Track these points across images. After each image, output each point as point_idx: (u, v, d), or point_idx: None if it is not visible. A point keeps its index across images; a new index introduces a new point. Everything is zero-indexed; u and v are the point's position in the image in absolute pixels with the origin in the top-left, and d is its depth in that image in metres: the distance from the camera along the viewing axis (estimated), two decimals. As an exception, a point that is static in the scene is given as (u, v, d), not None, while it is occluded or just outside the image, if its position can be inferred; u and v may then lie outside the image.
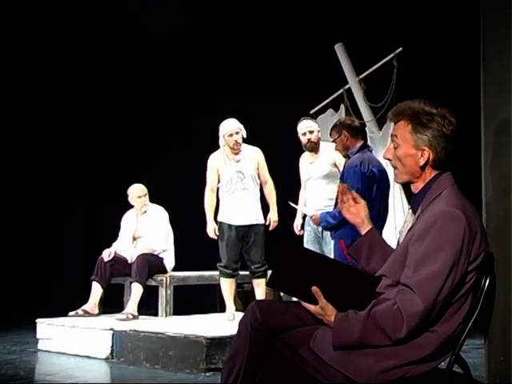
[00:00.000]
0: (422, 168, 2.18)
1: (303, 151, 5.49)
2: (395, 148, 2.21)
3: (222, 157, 5.43)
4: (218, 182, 5.46)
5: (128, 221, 6.12)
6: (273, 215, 5.48)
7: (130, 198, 6.05)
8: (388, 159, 2.25)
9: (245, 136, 5.43)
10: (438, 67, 6.17)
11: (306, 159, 5.49)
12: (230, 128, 5.37)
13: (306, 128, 5.33)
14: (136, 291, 5.62)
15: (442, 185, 2.16)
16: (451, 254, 2.02)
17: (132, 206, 6.13)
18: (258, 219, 5.42)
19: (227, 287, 5.45)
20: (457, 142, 2.16)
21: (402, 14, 6.48)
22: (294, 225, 5.59)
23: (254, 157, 5.48)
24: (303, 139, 5.34)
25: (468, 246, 2.04)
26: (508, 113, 2.44)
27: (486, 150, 2.56)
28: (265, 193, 5.54)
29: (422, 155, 2.16)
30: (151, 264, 5.76)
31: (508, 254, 2.39)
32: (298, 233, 5.55)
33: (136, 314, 5.51)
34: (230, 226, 5.39)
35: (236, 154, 5.40)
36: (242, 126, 5.42)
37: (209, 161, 5.49)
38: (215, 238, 5.40)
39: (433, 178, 2.19)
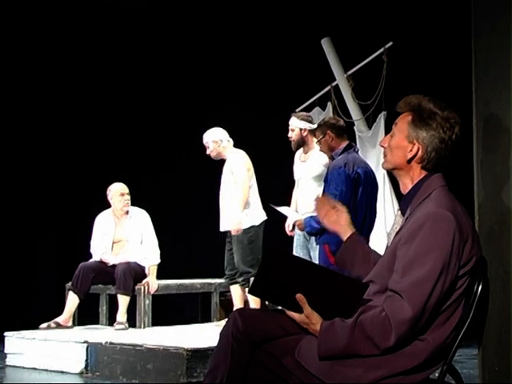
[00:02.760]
0: (409, 162, 2.22)
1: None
2: (391, 136, 2.27)
3: None
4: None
5: (104, 223, 6.04)
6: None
7: (110, 197, 5.99)
8: (383, 146, 2.30)
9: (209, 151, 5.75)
10: (429, 62, 6.22)
11: (298, 157, 5.49)
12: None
13: (289, 126, 5.34)
14: (123, 301, 5.71)
15: (432, 186, 2.19)
16: (441, 256, 2.03)
17: (108, 207, 6.09)
18: (230, 226, 5.60)
19: (233, 294, 5.73)
20: (453, 151, 2.21)
21: (392, 6, 6.52)
22: (286, 225, 5.57)
23: (229, 164, 5.70)
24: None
25: (458, 248, 2.06)
26: (501, 109, 2.47)
27: (478, 149, 2.58)
28: None
29: (411, 149, 2.21)
30: (136, 274, 5.78)
31: (502, 258, 2.41)
32: (289, 234, 5.51)
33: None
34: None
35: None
36: (207, 142, 5.75)
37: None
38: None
39: (422, 178, 2.22)
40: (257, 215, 5.64)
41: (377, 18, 6.60)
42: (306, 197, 5.28)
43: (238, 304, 5.60)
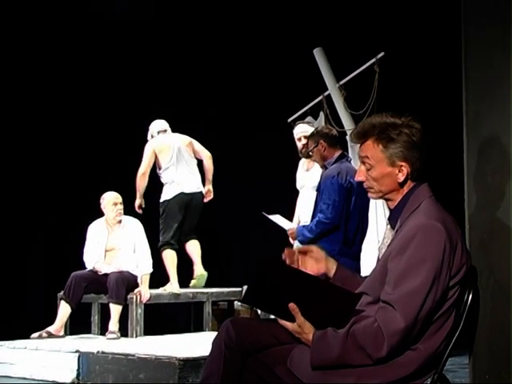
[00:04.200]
0: (402, 184, 2.21)
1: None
2: (368, 170, 2.22)
3: None
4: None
5: (97, 232, 6.02)
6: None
7: (103, 206, 5.98)
8: (360, 181, 2.26)
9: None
10: (420, 73, 6.25)
11: (302, 165, 5.49)
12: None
13: (301, 133, 5.26)
14: (115, 310, 5.67)
15: (420, 197, 2.19)
16: (432, 267, 2.05)
17: (98, 216, 6.08)
18: None
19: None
20: (427, 147, 2.20)
21: (384, 17, 6.55)
22: (289, 233, 5.58)
23: None
24: (298, 145, 5.25)
25: (449, 259, 2.07)
26: (491, 120, 2.49)
27: (468, 159, 2.59)
28: None
29: (399, 171, 2.19)
30: (128, 283, 5.77)
31: (493, 268, 2.43)
32: (292, 242, 5.52)
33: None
34: None
35: None
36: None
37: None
38: None
39: (409, 191, 2.22)
40: (170, 190, 6.29)
41: (369, 29, 6.63)
42: (305, 206, 5.28)
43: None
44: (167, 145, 6.35)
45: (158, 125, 6.48)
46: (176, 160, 6.30)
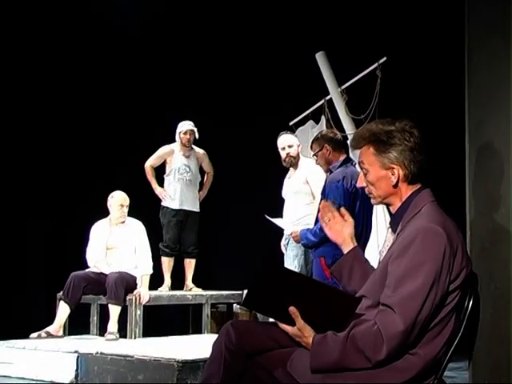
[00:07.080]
0: (396, 186, 2.24)
1: (282, 166, 5.55)
2: (365, 174, 2.28)
3: (175, 149, 6.65)
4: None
5: (100, 232, 6.02)
6: (202, 193, 6.83)
7: (109, 204, 5.96)
8: (362, 187, 2.32)
9: (197, 137, 6.62)
10: (422, 78, 6.26)
11: (287, 174, 5.61)
12: (184, 127, 6.58)
13: (285, 142, 5.42)
14: (114, 311, 5.68)
15: (421, 201, 2.21)
16: (432, 270, 2.05)
17: (102, 216, 6.08)
18: (195, 207, 6.68)
19: (167, 265, 6.58)
20: (426, 151, 2.23)
21: (386, 22, 6.57)
22: (282, 245, 5.61)
23: (199, 156, 6.75)
24: (282, 154, 5.43)
25: (449, 262, 2.08)
26: (493, 127, 2.50)
27: (470, 166, 2.60)
28: (205, 179, 6.87)
29: (392, 174, 2.23)
30: (127, 284, 5.77)
31: (493, 274, 2.44)
32: (284, 250, 5.55)
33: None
34: (172, 210, 6.59)
35: (186, 149, 6.62)
36: (195, 129, 6.58)
37: (162, 148, 6.71)
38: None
39: (411, 195, 2.24)
40: None
41: (371, 34, 6.65)
42: (287, 212, 5.39)
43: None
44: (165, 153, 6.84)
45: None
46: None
